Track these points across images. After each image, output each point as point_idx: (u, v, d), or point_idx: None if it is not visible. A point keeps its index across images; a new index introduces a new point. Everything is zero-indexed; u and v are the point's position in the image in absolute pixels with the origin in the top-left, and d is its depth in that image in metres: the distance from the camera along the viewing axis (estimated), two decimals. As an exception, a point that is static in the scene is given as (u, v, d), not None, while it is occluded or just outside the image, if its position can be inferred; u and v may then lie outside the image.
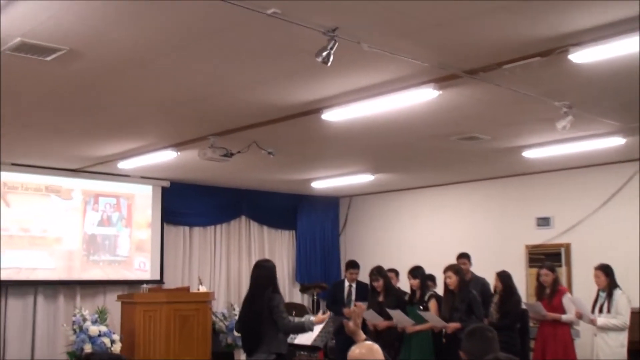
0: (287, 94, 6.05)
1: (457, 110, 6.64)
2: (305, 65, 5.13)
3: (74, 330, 8.70)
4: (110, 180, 10.50)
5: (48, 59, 4.92)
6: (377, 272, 8.31)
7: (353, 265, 9.24)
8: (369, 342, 3.90)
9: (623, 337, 7.44)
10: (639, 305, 8.39)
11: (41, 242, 9.87)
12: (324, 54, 4.42)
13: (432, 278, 8.70)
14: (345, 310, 8.81)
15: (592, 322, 7.53)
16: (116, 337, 8.80)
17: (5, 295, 9.62)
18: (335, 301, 9.19)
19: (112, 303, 9.84)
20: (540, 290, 8.03)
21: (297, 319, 6.70)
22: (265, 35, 4.62)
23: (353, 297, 9.04)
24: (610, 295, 7.49)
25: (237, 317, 10.18)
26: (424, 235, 11.88)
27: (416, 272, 8.09)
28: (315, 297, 11.97)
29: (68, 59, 4.97)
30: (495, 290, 8.28)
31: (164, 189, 11.16)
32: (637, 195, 9.31)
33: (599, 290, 7.67)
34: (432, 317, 7.66)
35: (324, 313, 6.70)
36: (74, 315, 8.89)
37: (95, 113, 6.77)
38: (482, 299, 8.08)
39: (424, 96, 5.85)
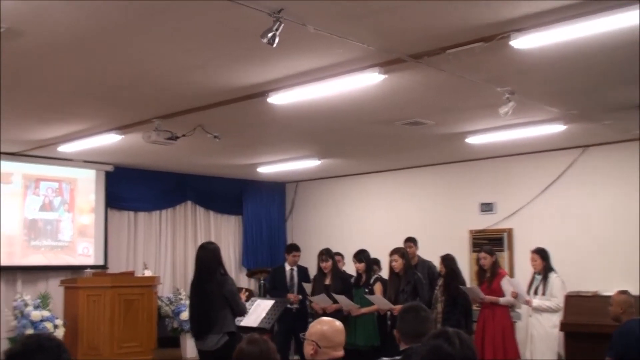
0: (232, 76, 6.01)
1: (401, 95, 6.69)
2: (251, 48, 5.09)
3: (15, 316, 8.54)
4: (52, 164, 10.27)
5: (-14, 36, 4.80)
6: (327, 252, 8.36)
7: (296, 248, 9.23)
8: (330, 319, 3.79)
9: (556, 318, 7.78)
10: (575, 290, 8.67)
11: (-21, 227, 9.63)
12: (269, 35, 4.40)
13: (376, 262, 8.80)
14: (290, 296, 8.83)
15: (528, 302, 7.79)
16: (59, 322, 8.68)
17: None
18: (275, 286, 9.15)
19: (55, 289, 9.70)
20: (481, 274, 8.21)
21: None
22: (210, 16, 4.57)
23: (296, 280, 9.03)
24: (545, 278, 7.78)
25: (182, 302, 10.23)
26: (370, 221, 11.99)
27: (361, 255, 8.17)
28: (262, 282, 11.98)
29: (7, 37, 4.83)
30: (440, 274, 8.42)
31: (107, 174, 10.99)
32: (577, 181, 9.56)
33: (534, 273, 7.93)
34: (378, 299, 7.74)
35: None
36: (15, 301, 8.71)
37: (35, 94, 6.60)
38: (429, 282, 8.23)
39: (369, 80, 5.87)
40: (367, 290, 7.99)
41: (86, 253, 10.76)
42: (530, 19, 4.65)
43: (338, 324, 3.73)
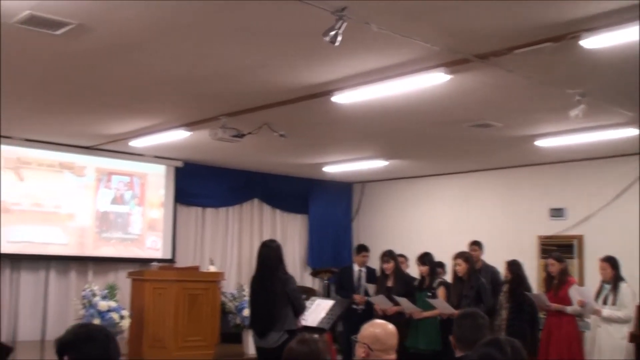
0: (297, 75, 6.03)
1: (468, 96, 6.59)
2: (315, 46, 5.09)
3: (84, 305, 8.75)
4: (123, 158, 10.54)
5: (57, 33, 4.92)
6: (389, 254, 8.30)
7: (365, 248, 9.20)
8: (383, 321, 3.77)
9: (625, 329, 7.47)
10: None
11: (53, 218, 9.93)
12: (332, 33, 4.38)
13: (441, 265, 8.70)
14: (356, 296, 8.79)
15: (597, 312, 7.52)
16: (125, 312, 8.85)
17: (18, 270, 9.72)
18: (342, 286, 9.15)
19: (123, 280, 9.92)
20: (548, 281, 8.00)
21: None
22: (275, 15, 4.60)
23: (363, 281, 8.98)
24: (615, 288, 7.50)
25: (245, 298, 10.32)
26: (436, 223, 11.85)
27: (425, 258, 8.06)
28: (326, 282, 11.99)
29: (78, 33, 4.96)
30: (505, 279, 8.26)
31: (177, 169, 11.21)
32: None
33: (602, 282, 7.67)
34: (440, 303, 7.63)
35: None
36: (84, 290, 8.94)
37: (106, 90, 6.77)
38: (492, 288, 8.06)
39: (434, 80, 5.81)
40: (430, 293, 7.88)
41: (154, 246, 11.00)
42: (602, 18, 4.50)
43: (391, 327, 3.69)
